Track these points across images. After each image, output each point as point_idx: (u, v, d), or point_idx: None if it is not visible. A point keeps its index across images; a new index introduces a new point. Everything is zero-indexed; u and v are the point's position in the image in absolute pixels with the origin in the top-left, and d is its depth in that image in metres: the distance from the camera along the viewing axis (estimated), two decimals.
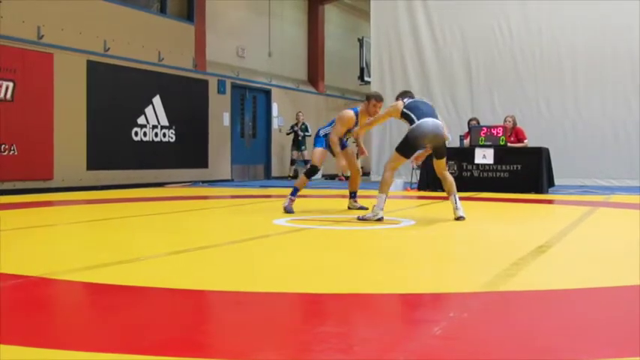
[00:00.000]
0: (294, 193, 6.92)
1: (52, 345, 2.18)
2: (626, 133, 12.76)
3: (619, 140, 12.79)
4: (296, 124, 16.41)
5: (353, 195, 7.40)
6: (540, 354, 2.11)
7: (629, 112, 12.73)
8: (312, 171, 7.11)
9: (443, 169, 6.38)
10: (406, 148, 6.20)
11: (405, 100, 6.40)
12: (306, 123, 16.43)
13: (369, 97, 7.03)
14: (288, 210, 6.81)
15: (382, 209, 6.00)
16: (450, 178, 6.35)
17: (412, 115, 6.16)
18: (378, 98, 7.00)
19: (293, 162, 16.63)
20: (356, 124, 7.02)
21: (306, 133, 16.26)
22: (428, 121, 6.09)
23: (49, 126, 10.94)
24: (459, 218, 6.13)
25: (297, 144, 16.38)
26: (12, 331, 2.32)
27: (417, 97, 6.61)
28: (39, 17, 10.94)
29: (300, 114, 16.52)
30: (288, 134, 16.69)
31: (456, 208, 6.18)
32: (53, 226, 6.15)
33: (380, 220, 5.95)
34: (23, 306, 2.80)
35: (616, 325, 2.52)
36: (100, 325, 2.51)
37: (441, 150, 6.28)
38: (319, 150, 7.19)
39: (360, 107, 7.10)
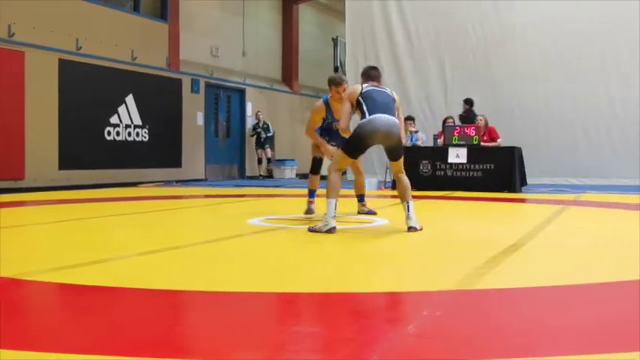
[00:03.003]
0: (311, 195, 6.58)
1: (24, 347, 2.16)
2: (596, 133, 12.97)
3: (590, 140, 13.00)
4: (257, 124, 16.46)
5: (361, 198, 6.89)
6: (513, 351, 2.14)
7: (600, 113, 12.92)
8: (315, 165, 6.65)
9: (399, 170, 5.47)
10: (352, 146, 5.33)
11: (364, 85, 5.43)
12: (268, 122, 16.54)
13: (329, 84, 6.27)
14: (308, 212, 6.51)
15: (334, 217, 5.07)
16: (406, 182, 5.39)
17: (364, 107, 5.25)
18: (338, 80, 6.20)
19: (260, 161, 16.68)
20: (328, 110, 6.38)
21: (268, 133, 16.36)
22: (380, 118, 5.19)
23: (20, 125, 10.78)
24: (410, 229, 5.18)
25: (261, 143, 16.46)
26: None
27: (379, 84, 5.49)
28: (10, 15, 10.78)
29: (260, 113, 16.63)
30: (252, 136, 16.72)
31: (408, 217, 5.23)
32: (24, 227, 6.06)
33: (331, 230, 5.01)
34: None
35: (587, 321, 2.56)
36: (73, 327, 2.49)
37: (395, 151, 5.41)
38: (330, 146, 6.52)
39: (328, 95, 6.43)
